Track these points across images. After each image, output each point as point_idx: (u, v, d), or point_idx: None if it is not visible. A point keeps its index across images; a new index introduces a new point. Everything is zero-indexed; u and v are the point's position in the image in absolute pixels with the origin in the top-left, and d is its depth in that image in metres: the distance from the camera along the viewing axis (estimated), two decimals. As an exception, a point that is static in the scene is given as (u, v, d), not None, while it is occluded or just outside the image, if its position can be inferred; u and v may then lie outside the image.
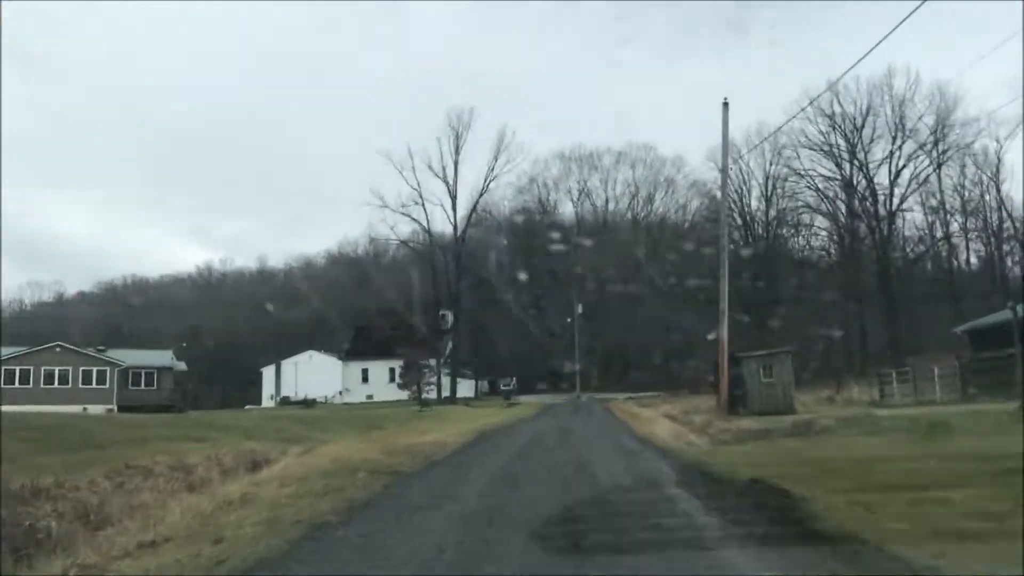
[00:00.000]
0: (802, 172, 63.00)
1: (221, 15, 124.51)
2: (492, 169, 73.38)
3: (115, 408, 55.98)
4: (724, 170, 32.77)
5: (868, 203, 59.60)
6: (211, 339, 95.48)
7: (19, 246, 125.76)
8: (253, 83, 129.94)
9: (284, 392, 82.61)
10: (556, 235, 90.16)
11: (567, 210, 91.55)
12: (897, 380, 38.31)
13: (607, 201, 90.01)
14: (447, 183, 72.68)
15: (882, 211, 58.74)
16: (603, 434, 27.18)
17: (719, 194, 74.41)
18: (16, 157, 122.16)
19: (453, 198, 72.72)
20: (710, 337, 52.66)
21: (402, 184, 74.37)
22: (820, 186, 62.13)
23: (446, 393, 67.12)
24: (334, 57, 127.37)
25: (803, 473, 13.04)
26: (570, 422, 34.97)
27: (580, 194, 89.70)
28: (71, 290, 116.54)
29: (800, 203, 65.80)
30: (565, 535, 8.16)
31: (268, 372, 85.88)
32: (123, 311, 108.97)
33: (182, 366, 63.66)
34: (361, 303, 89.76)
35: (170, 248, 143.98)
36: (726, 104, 32.50)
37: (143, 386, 59.48)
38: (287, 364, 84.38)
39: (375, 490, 12.93)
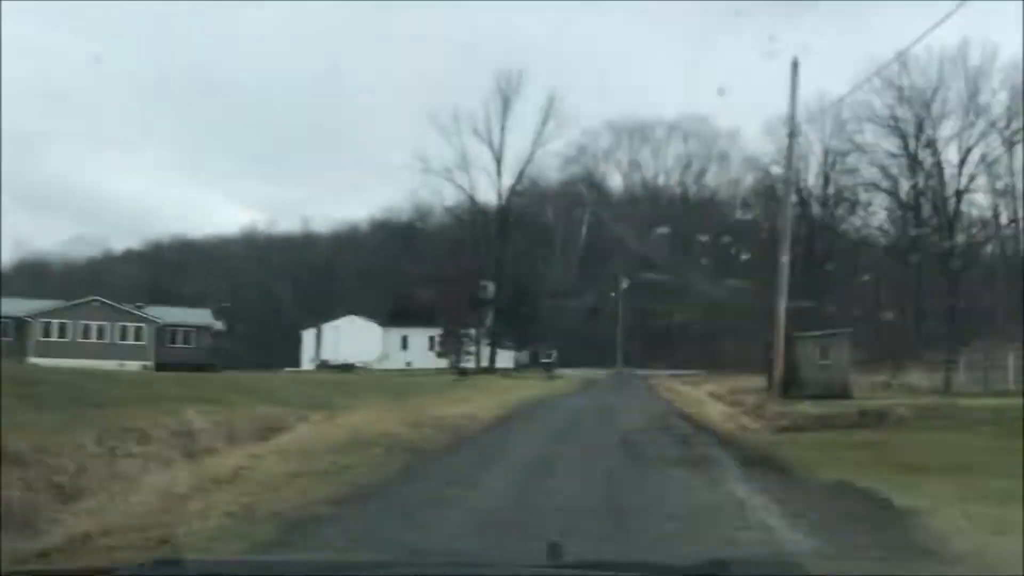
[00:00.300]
0: (865, 148, 59.50)
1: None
2: (540, 136, 70.47)
3: (152, 365, 54.99)
4: (791, 135, 30.19)
5: (934, 181, 56.05)
6: (253, 300, 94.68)
7: (68, 201, 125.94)
8: (298, 47, 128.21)
9: (324, 356, 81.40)
10: (604, 207, 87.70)
11: (616, 182, 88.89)
12: (964, 367, 35.54)
13: (657, 174, 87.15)
14: (493, 149, 70.02)
15: (949, 191, 55.31)
16: (649, 413, 25.03)
17: (775, 169, 71.27)
18: (66, 112, 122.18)
19: (499, 164, 69.98)
20: (765, 337, 50.29)
21: (447, 149, 72.11)
22: (884, 163, 58.67)
23: (485, 363, 65.16)
24: (379, 19, 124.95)
25: (897, 476, 10.80)
26: (613, 399, 32.86)
27: (630, 166, 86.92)
28: (118, 247, 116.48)
29: (861, 180, 62.28)
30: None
31: (308, 335, 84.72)
32: (168, 269, 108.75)
33: (220, 325, 62.61)
34: (404, 270, 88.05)
35: (215, 209, 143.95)
36: (795, 64, 29.83)
37: (180, 344, 58.57)
38: (328, 328, 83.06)
39: (387, 472, 10.96)
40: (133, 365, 52.02)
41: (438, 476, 10.89)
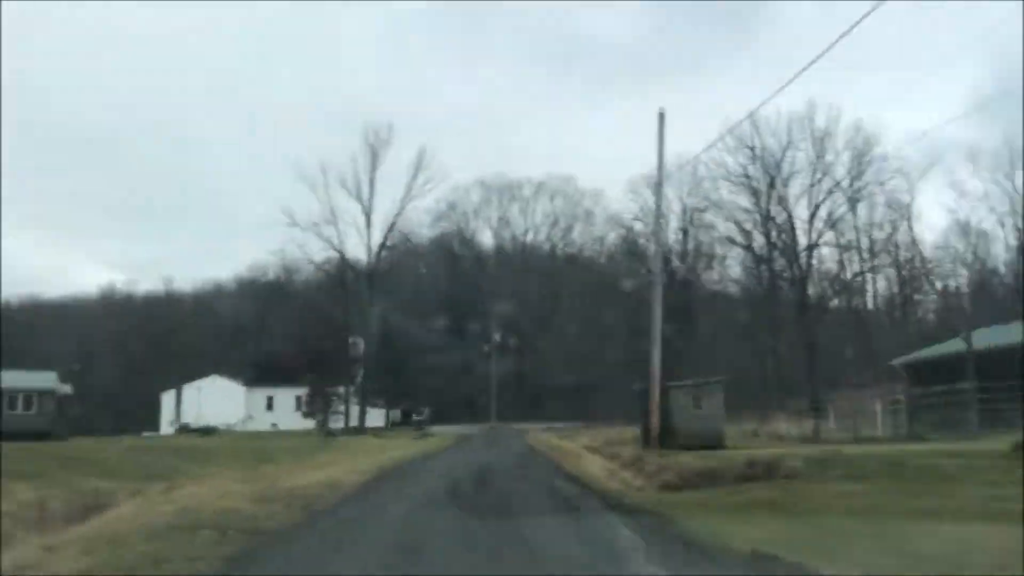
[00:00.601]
0: (721, 204, 60.54)
1: (124, 21, 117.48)
2: (410, 190, 68.53)
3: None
4: (659, 184, 29.35)
5: (786, 236, 57.32)
6: (110, 362, 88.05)
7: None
8: (160, 98, 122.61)
9: (185, 419, 75.97)
10: (474, 263, 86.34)
11: (486, 238, 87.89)
12: (834, 415, 35.24)
13: (526, 231, 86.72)
14: (362, 203, 67.42)
15: (800, 245, 56.61)
16: (526, 471, 23.07)
17: (638, 225, 71.76)
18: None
19: (368, 218, 67.45)
20: (635, 387, 49.36)
21: (314, 203, 68.95)
22: (739, 218, 59.72)
23: (356, 423, 61.76)
24: (245, 72, 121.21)
25: (818, 540, 9.16)
26: (487, 456, 30.71)
27: (500, 223, 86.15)
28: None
29: (717, 235, 63.29)
30: None
31: (168, 397, 79.19)
32: (17, 331, 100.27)
33: (67, 389, 56.97)
34: (270, 328, 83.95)
35: (73, 269, 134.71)
36: (662, 115, 29.14)
37: (21, 410, 52.77)
38: (189, 389, 77.83)
39: (210, 564, 8.51)
40: (-36, 435, 46.43)
41: (274, 567, 8.53)
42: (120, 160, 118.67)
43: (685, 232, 67.57)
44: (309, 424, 60.06)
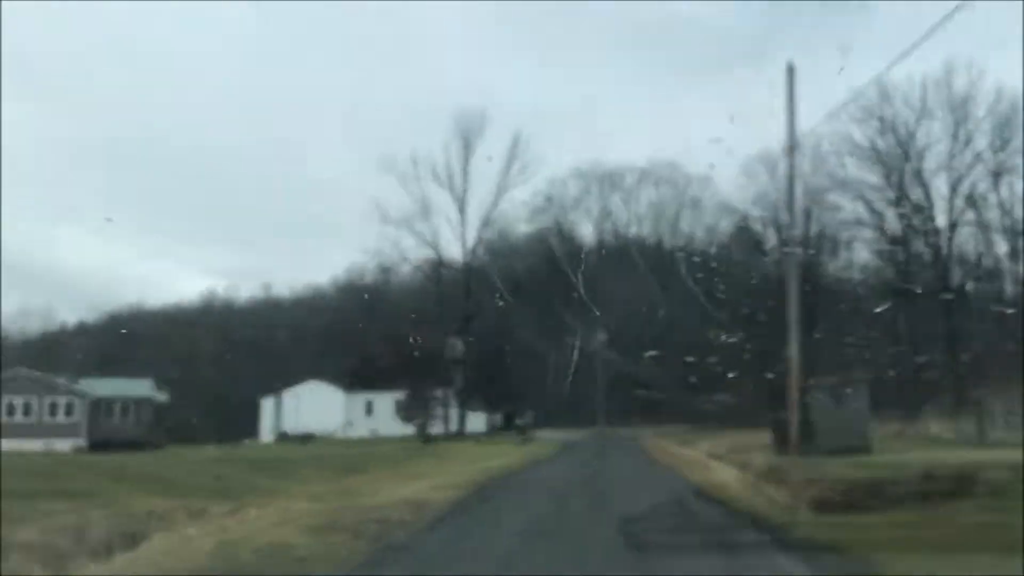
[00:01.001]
0: (848, 182, 55.47)
1: (208, 25, 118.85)
2: (505, 179, 65.66)
3: (84, 443, 49.09)
4: (791, 147, 25.67)
5: (924, 215, 51.94)
6: (210, 369, 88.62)
7: (21, 278, 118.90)
8: (251, 102, 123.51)
9: (284, 425, 75.41)
10: (575, 258, 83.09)
11: (587, 232, 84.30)
12: (1003, 412, 30.77)
13: (629, 223, 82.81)
14: (455, 194, 64.92)
15: (940, 223, 51.29)
16: (649, 485, 19.93)
17: (754, 211, 67.21)
18: (17, 186, 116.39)
19: (462, 212, 64.86)
20: (765, 385, 45.41)
21: (406, 198, 66.79)
22: (867, 197, 54.62)
23: (456, 428, 59.45)
24: (335, 70, 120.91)
25: None
26: (599, 466, 27.63)
27: (601, 214, 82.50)
28: (71, 319, 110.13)
29: (843, 218, 58.07)
30: None
31: (267, 404, 78.68)
32: (122, 340, 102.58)
33: (163, 397, 56.66)
34: (369, 332, 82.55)
35: (175, 278, 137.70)
36: (791, 69, 25.50)
37: (118, 418, 52.55)
38: (288, 395, 77.16)
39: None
40: (63, 444, 46.20)
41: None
42: (216, 168, 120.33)
43: (808, 214, 62.64)
44: (409, 430, 58.09)
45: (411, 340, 57.85)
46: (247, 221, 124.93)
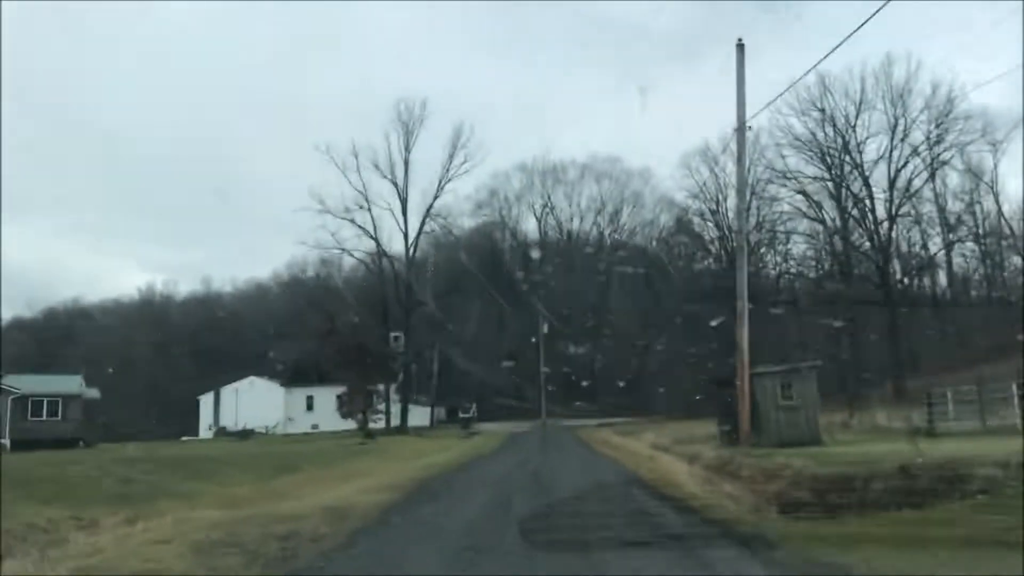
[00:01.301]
0: (787, 174, 54.66)
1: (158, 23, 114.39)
2: (447, 170, 63.51)
3: (6, 443, 45.74)
4: (741, 128, 24.11)
5: (863, 206, 51.32)
6: (148, 365, 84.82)
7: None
8: (189, 97, 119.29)
9: (224, 422, 72.38)
10: (518, 252, 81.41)
11: (530, 226, 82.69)
12: (954, 401, 29.61)
13: (572, 217, 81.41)
14: (397, 185, 62.59)
15: (880, 214, 50.64)
16: (595, 480, 18.16)
17: (693, 204, 66.20)
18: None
19: (404, 202, 62.36)
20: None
21: (347, 188, 64.27)
22: (808, 189, 53.91)
23: (399, 422, 57.14)
24: (274, 63, 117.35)
25: None
26: (544, 460, 25.81)
27: (543, 209, 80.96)
28: (8, 315, 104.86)
29: (783, 210, 57.27)
30: None
31: (206, 400, 75.56)
32: (58, 337, 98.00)
33: (94, 393, 53.27)
34: (310, 326, 79.78)
35: (113, 274, 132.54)
36: (741, 46, 24.01)
37: (45, 417, 49.13)
38: (227, 391, 74.18)
39: None
40: (-17, 445, 42.85)
41: None
42: (157, 164, 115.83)
43: (747, 206, 61.79)
44: (352, 425, 55.75)
45: (352, 334, 55.52)
46: (188, 216, 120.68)
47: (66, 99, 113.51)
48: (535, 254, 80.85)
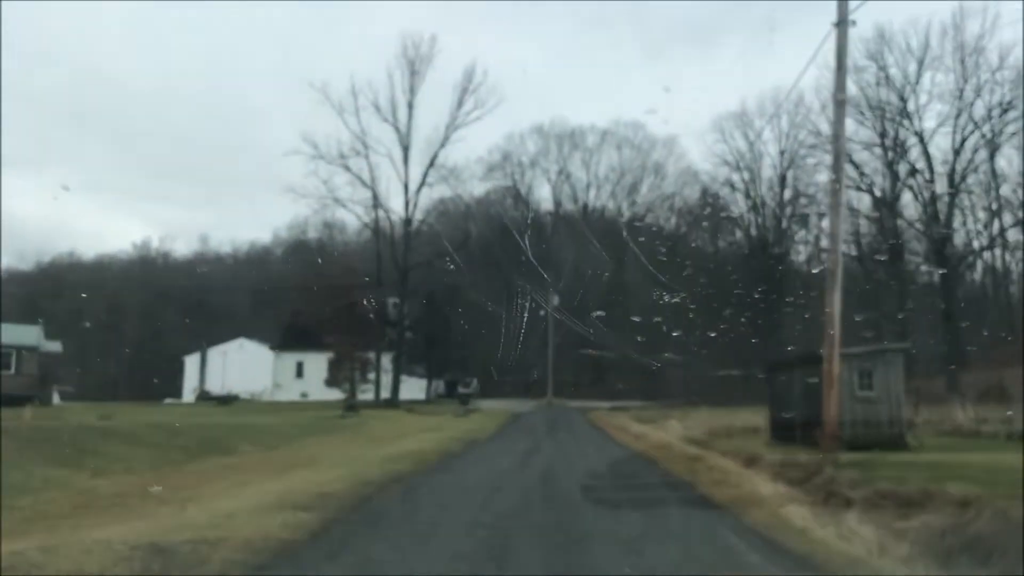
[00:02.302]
0: (829, 138, 47.48)
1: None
2: (456, 117, 55.10)
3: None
4: (843, 22, 17.44)
5: (921, 177, 44.32)
6: (137, 323, 78.63)
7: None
8: (192, 53, 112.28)
9: (211, 385, 66.15)
10: (530, 220, 74.63)
11: (543, 193, 75.71)
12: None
13: (588, 186, 74.37)
14: (398, 130, 54.24)
15: (940, 188, 43.68)
16: (634, 501, 11.60)
17: (722, 171, 59.16)
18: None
19: (405, 149, 54.14)
20: (771, 359, 37.82)
21: (342, 131, 56.50)
22: (857, 159, 46.88)
23: (391, 394, 50.37)
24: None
25: None
26: (552, 451, 19.31)
27: (559, 176, 73.94)
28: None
29: (825, 179, 50.11)
30: None
31: (192, 361, 69.40)
32: (49, 290, 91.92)
33: (54, 347, 47.02)
34: (307, 288, 73.20)
35: (112, 231, 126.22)
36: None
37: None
38: (214, 353, 67.97)
39: None
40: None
41: None
42: (164, 123, 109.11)
43: (783, 180, 54.91)
44: (343, 395, 49.37)
45: (346, 298, 49.08)
46: (192, 176, 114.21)
47: (68, 51, 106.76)
48: (548, 223, 74.06)
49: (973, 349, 36.61)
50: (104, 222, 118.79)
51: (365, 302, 49.57)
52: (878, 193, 46.28)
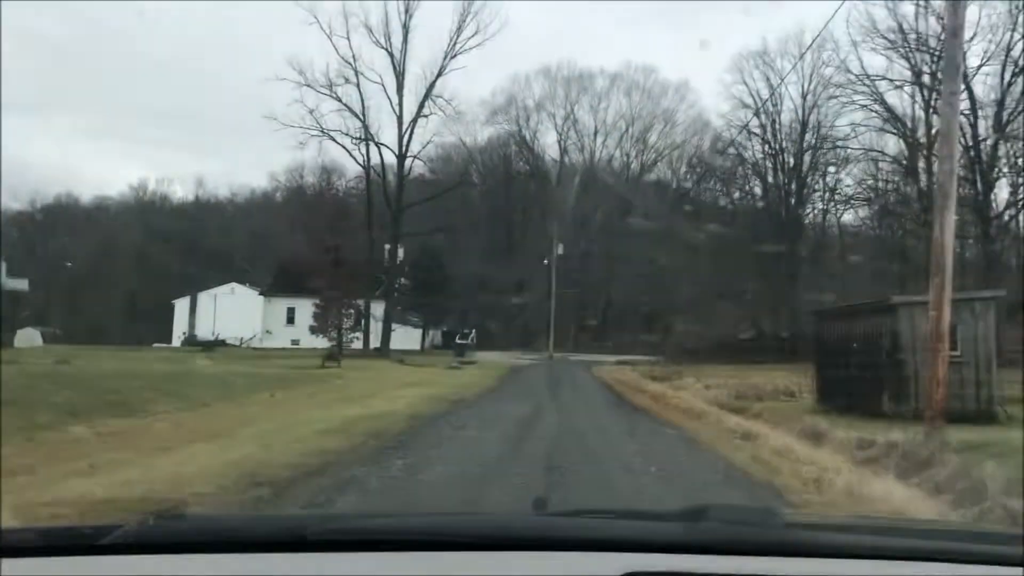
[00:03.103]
0: (864, 77, 42.23)
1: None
2: (455, 42, 48.47)
3: None
4: None
5: (967, 119, 38.95)
6: (129, 265, 73.87)
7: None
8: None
9: (199, 330, 61.64)
10: (534, 166, 69.44)
11: (549, 140, 70.10)
12: None
13: (596, 132, 68.75)
14: (392, 55, 47.83)
15: (983, 132, 38.51)
16: (656, 460, 6.84)
17: (740, 114, 53.66)
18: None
19: (400, 76, 47.59)
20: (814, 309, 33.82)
21: (331, 55, 50.34)
22: (890, 101, 41.56)
23: (381, 343, 45.46)
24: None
25: None
26: (561, 418, 14.53)
27: (565, 121, 68.28)
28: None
29: (854, 121, 44.67)
30: None
31: (181, 306, 64.81)
32: (44, 231, 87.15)
33: (19, 285, 42.28)
34: (303, 232, 68.23)
35: (110, 173, 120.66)
36: None
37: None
38: (204, 298, 63.34)
39: None
40: None
41: None
42: (167, 67, 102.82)
43: (804, 123, 49.48)
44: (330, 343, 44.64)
45: (334, 240, 44.21)
46: (193, 121, 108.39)
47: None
48: (552, 170, 68.86)
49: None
50: (103, 166, 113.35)
51: (351, 242, 44.69)
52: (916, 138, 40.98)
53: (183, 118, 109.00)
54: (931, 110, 39.44)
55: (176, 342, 61.46)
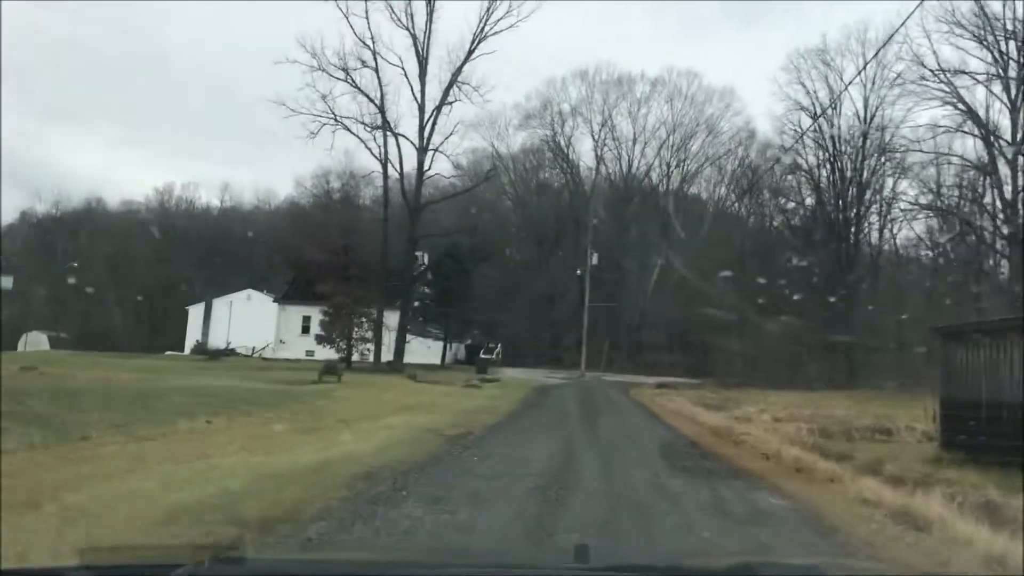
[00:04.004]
0: (939, 75, 36.93)
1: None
2: (485, 22, 41.69)
3: None
4: None
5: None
6: (152, 269, 70.22)
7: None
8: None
9: (213, 337, 57.53)
10: (568, 174, 64.54)
11: (584, 147, 64.95)
12: None
13: (635, 139, 63.50)
14: (415, 37, 41.44)
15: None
16: None
17: (794, 116, 48.35)
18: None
19: (423, 61, 41.36)
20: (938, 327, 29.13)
21: (347, 35, 45.41)
22: (969, 99, 36.23)
23: (394, 356, 40.05)
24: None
25: None
26: (600, 470, 9.42)
27: (602, 128, 63.14)
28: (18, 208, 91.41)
29: (918, 131, 39.31)
30: None
31: (196, 312, 60.77)
32: (67, 235, 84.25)
33: (5, 282, 38.25)
34: (325, 239, 63.75)
35: (139, 178, 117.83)
36: None
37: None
38: (219, 304, 59.23)
39: None
40: None
41: None
42: (195, 74, 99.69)
43: (864, 138, 44.04)
44: (354, 356, 39.50)
45: (346, 241, 39.72)
46: (222, 127, 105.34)
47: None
48: (588, 180, 64.00)
49: None
50: (134, 172, 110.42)
51: (364, 245, 40.06)
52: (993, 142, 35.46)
53: (211, 123, 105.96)
54: (1015, 107, 34.07)
55: (188, 350, 57.40)
